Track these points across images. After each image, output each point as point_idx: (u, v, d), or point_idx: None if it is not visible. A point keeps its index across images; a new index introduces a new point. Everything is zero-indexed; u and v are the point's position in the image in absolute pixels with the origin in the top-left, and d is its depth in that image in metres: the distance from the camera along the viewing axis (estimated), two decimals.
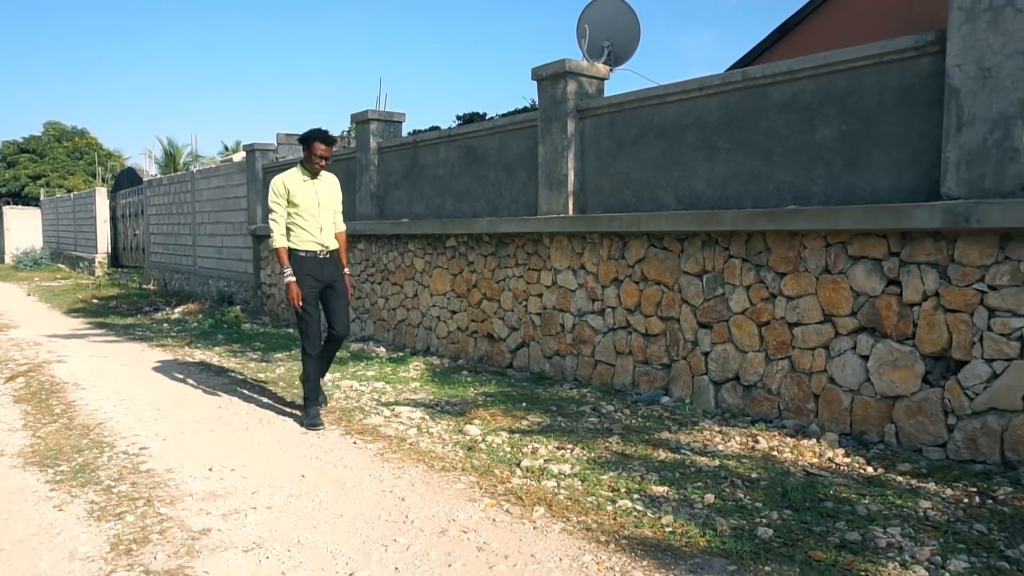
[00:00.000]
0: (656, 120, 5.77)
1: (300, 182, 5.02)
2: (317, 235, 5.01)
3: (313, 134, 4.97)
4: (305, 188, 5.01)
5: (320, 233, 5.03)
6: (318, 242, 5.02)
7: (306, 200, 4.97)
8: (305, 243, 4.98)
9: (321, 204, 5.05)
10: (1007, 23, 3.84)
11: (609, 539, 3.01)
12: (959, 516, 3.24)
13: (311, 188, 5.03)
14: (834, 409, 4.63)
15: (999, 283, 3.92)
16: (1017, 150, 3.85)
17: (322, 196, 5.07)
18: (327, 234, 5.08)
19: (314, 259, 5.00)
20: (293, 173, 5.06)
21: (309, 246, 4.99)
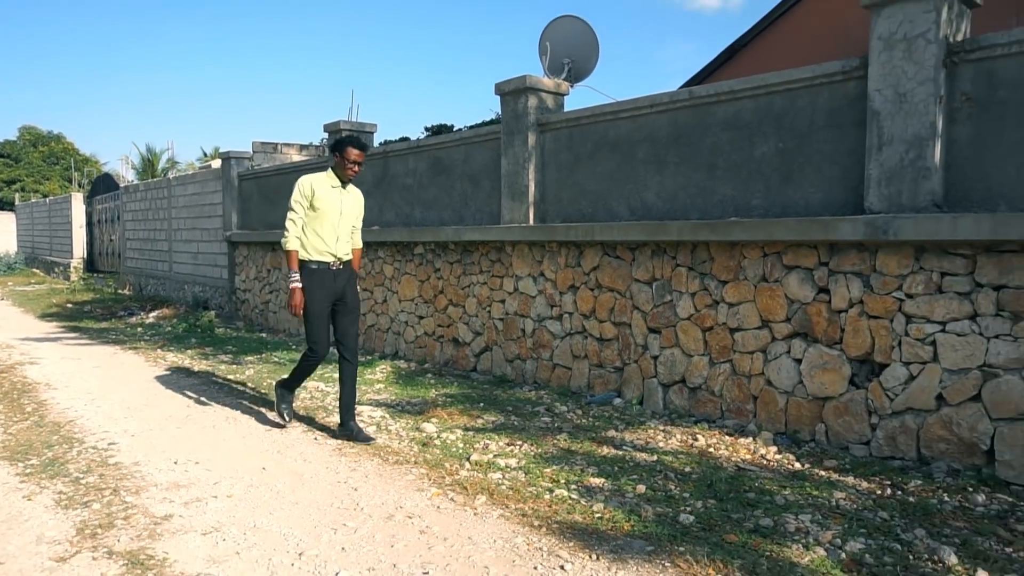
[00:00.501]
0: (611, 135, 6.07)
1: (328, 187, 4.77)
2: (332, 245, 4.74)
3: (346, 139, 4.76)
4: (332, 195, 4.76)
5: (336, 244, 4.76)
6: (332, 252, 4.75)
7: (329, 207, 4.72)
8: (318, 252, 4.71)
9: (343, 214, 4.80)
10: (919, 52, 4.17)
11: (542, 524, 3.26)
12: (868, 506, 3.52)
13: (337, 196, 4.79)
14: (771, 410, 4.91)
15: (915, 291, 4.23)
16: (929, 169, 4.17)
17: (346, 207, 4.83)
18: (342, 245, 4.82)
19: (327, 271, 4.73)
20: (322, 177, 4.81)
21: (322, 256, 4.72)
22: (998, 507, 3.51)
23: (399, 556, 3.03)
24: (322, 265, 4.71)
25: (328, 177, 4.82)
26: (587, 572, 2.82)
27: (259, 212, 11.44)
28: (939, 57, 4.13)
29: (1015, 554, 2.99)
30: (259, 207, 11.44)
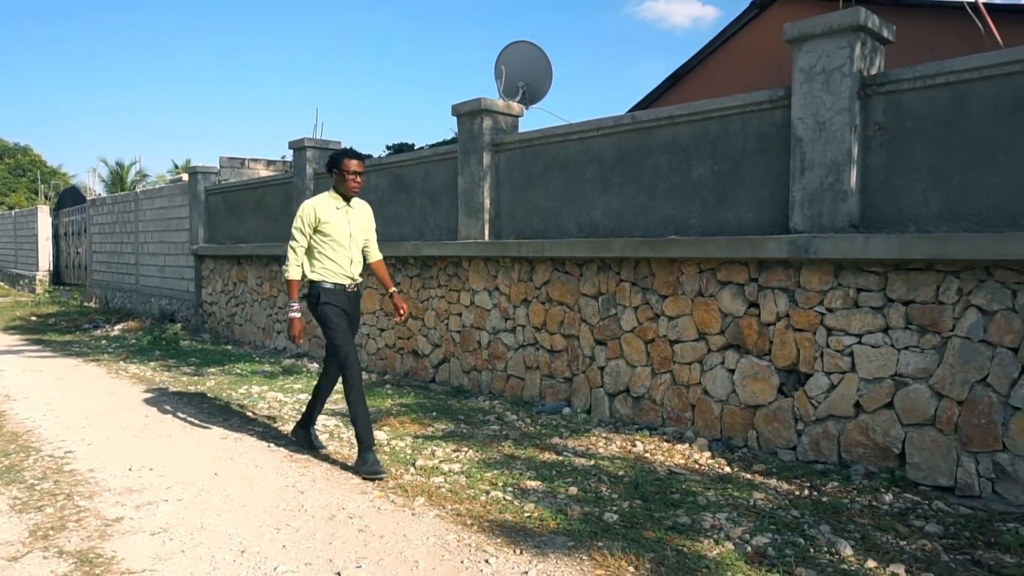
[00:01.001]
0: (561, 156, 6.33)
1: (332, 209, 4.54)
2: (347, 267, 4.57)
3: (342, 152, 4.57)
4: (338, 216, 4.54)
5: (350, 266, 4.59)
6: (348, 275, 4.58)
7: (339, 229, 4.52)
8: (335, 275, 4.53)
9: (353, 235, 4.61)
10: (836, 85, 4.48)
11: (474, 522, 3.47)
12: (782, 505, 3.78)
13: (343, 216, 4.57)
14: (707, 417, 5.17)
15: (835, 306, 4.52)
16: (846, 192, 4.47)
17: (355, 226, 4.63)
18: (356, 266, 4.66)
19: (343, 292, 4.55)
20: (324, 199, 4.58)
21: (339, 279, 4.54)
22: (902, 505, 3.78)
23: (336, 552, 3.22)
24: (338, 286, 4.54)
25: (331, 198, 4.59)
26: (510, 565, 3.03)
27: (226, 226, 11.56)
28: (853, 89, 4.44)
29: (907, 547, 3.25)
30: (226, 221, 11.56)
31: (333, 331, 4.46)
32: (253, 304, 10.67)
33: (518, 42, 7.22)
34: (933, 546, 3.26)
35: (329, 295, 4.50)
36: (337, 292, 4.52)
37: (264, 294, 10.41)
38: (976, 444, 3.98)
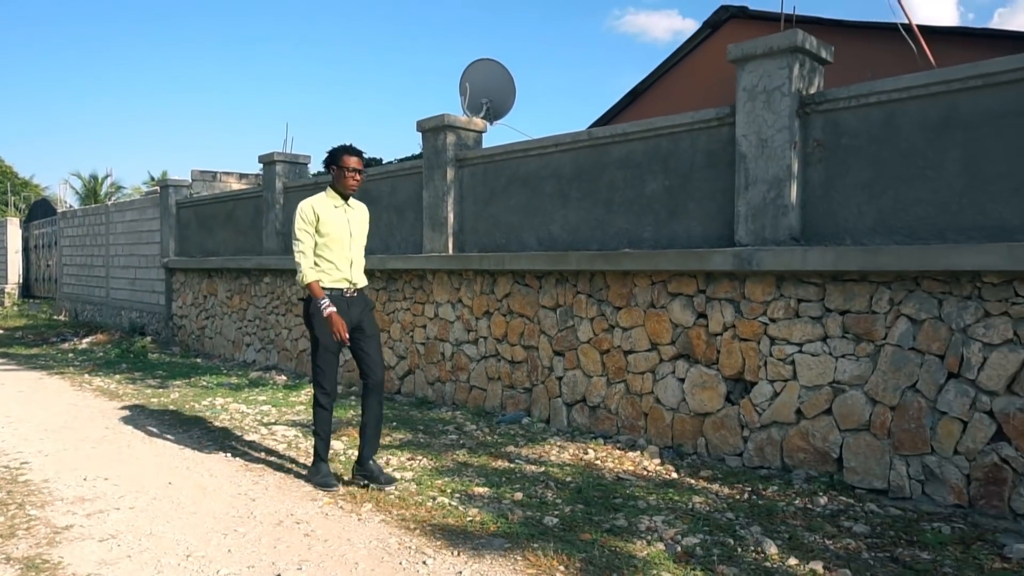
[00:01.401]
0: (521, 171, 6.48)
1: (331, 208, 4.33)
2: (346, 270, 4.35)
3: (341, 148, 4.37)
4: (336, 215, 4.33)
5: (349, 268, 4.37)
6: (346, 278, 4.35)
7: (337, 229, 4.31)
8: (332, 280, 4.29)
9: (353, 235, 4.41)
10: (776, 104, 4.66)
11: (417, 527, 3.57)
12: (720, 508, 3.90)
13: (343, 216, 4.37)
14: (659, 425, 5.30)
15: (777, 316, 4.68)
16: (787, 206, 4.64)
17: (354, 226, 4.43)
18: (357, 269, 4.43)
19: (340, 298, 4.29)
20: (322, 198, 4.37)
21: (336, 283, 4.31)
22: (835, 507, 3.92)
23: (279, 555, 3.29)
24: (335, 292, 4.28)
25: (328, 197, 4.38)
26: (446, 565, 3.13)
27: (197, 239, 11.59)
28: (793, 107, 4.62)
29: (832, 545, 3.38)
30: (197, 234, 11.59)
31: (316, 354, 4.31)
32: (223, 317, 10.70)
33: (482, 60, 7.38)
34: (857, 545, 3.39)
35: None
36: (334, 298, 4.26)
37: (234, 307, 10.44)
38: (907, 448, 4.13)
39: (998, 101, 3.97)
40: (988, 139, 3.99)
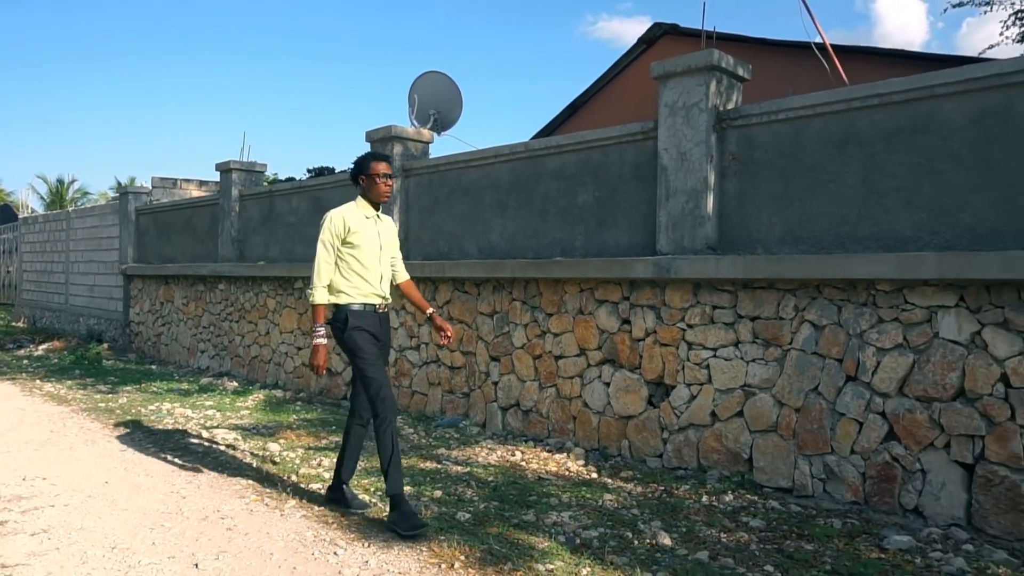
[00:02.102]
0: (463, 181, 6.67)
1: (362, 219, 4.01)
2: (377, 285, 4.02)
3: (370, 155, 4.10)
4: (367, 227, 4.02)
5: (380, 283, 4.04)
6: (378, 294, 4.02)
7: (368, 242, 3.98)
8: (364, 295, 3.96)
9: (383, 247, 4.09)
10: (694, 119, 4.91)
11: (335, 522, 3.73)
12: (628, 505, 4.10)
13: (373, 227, 4.05)
14: (586, 428, 5.50)
15: (694, 322, 4.91)
16: (704, 217, 4.88)
17: (384, 238, 4.12)
18: (386, 284, 4.11)
19: (372, 314, 3.97)
20: (351, 208, 4.04)
21: (368, 298, 3.97)
22: (738, 504, 4.13)
23: (200, 547, 3.44)
24: (367, 308, 3.96)
25: (358, 207, 4.05)
26: (355, 555, 3.29)
27: (155, 246, 11.63)
28: (710, 123, 4.87)
29: (725, 538, 3.59)
30: (155, 241, 11.64)
31: (364, 361, 3.85)
32: (179, 324, 10.75)
33: (430, 72, 7.57)
34: (749, 538, 3.61)
35: (359, 318, 3.90)
36: (367, 315, 3.94)
37: (189, 313, 10.50)
38: (810, 448, 4.37)
39: (892, 119, 4.23)
40: (883, 155, 4.26)
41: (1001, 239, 3.85)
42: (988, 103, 3.91)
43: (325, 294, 3.94)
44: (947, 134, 4.04)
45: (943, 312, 3.94)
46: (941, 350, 3.93)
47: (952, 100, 4.02)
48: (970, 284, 3.84)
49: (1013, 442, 3.70)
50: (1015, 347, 3.71)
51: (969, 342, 3.86)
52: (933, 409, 3.95)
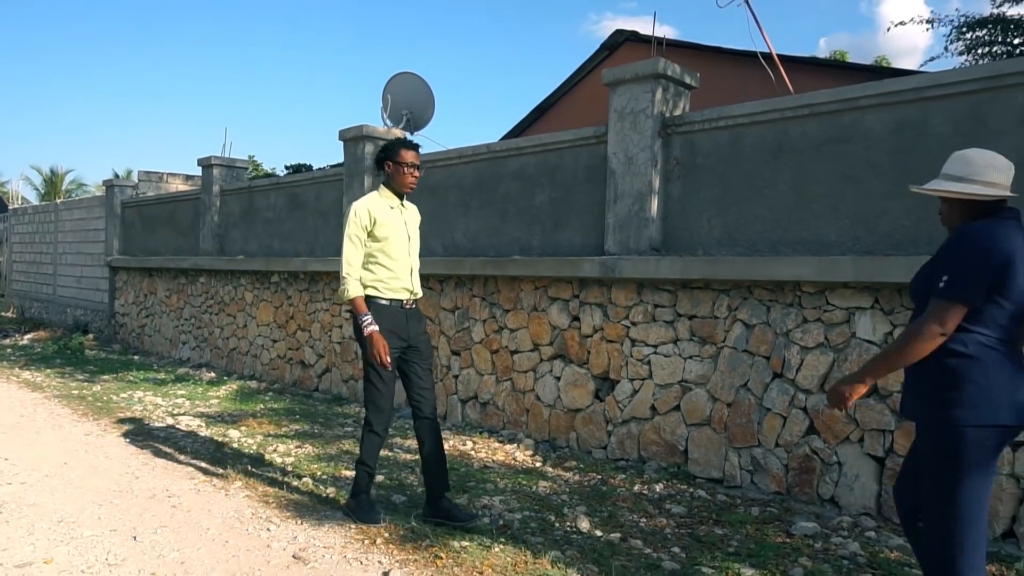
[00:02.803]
0: (429, 181, 6.86)
1: (387, 209, 3.82)
2: (407, 279, 3.84)
3: (398, 142, 3.92)
4: (393, 217, 3.83)
5: (410, 276, 3.87)
6: (407, 288, 3.84)
7: (396, 232, 3.80)
8: (391, 289, 3.76)
9: (411, 238, 3.94)
10: (641, 125, 5.11)
11: (274, 501, 3.93)
12: (559, 492, 4.30)
13: (399, 217, 3.87)
14: (538, 420, 5.70)
15: (637, 320, 5.11)
16: (648, 219, 5.08)
17: (411, 228, 3.96)
18: (416, 278, 3.93)
19: (399, 310, 3.78)
20: (375, 198, 3.86)
21: (396, 293, 3.78)
22: (667, 493, 4.33)
23: (143, 522, 3.64)
24: (394, 304, 3.76)
25: (383, 197, 3.87)
26: (287, 531, 3.50)
27: (140, 239, 11.83)
28: (655, 129, 5.07)
29: (644, 523, 3.79)
30: (140, 234, 11.83)
31: (369, 373, 3.72)
32: (162, 316, 10.94)
33: (404, 73, 7.77)
34: (667, 523, 3.81)
35: (381, 316, 3.68)
36: (392, 311, 3.74)
37: (172, 306, 10.69)
38: (739, 440, 4.57)
39: (820, 129, 4.44)
40: (812, 163, 4.46)
41: (915, 244, 4.06)
42: (905, 116, 4.11)
43: (358, 285, 3.71)
44: (869, 144, 4.24)
45: (860, 313, 4.15)
46: (858, 349, 4.14)
47: (873, 112, 4.22)
48: (884, 287, 4.04)
49: None
50: None
51: (883, 342, 4.06)
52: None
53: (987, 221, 2.34)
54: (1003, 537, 3.64)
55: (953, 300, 2.26)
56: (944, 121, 3.99)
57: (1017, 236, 2.29)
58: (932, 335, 2.28)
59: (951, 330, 2.28)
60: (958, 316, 2.27)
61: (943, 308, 2.27)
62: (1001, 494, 3.64)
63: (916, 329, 2.33)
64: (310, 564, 3.16)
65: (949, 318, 2.27)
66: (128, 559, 3.21)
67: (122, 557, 3.23)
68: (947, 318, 2.27)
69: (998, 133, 3.81)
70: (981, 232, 2.31)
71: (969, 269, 2.26)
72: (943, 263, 2.34)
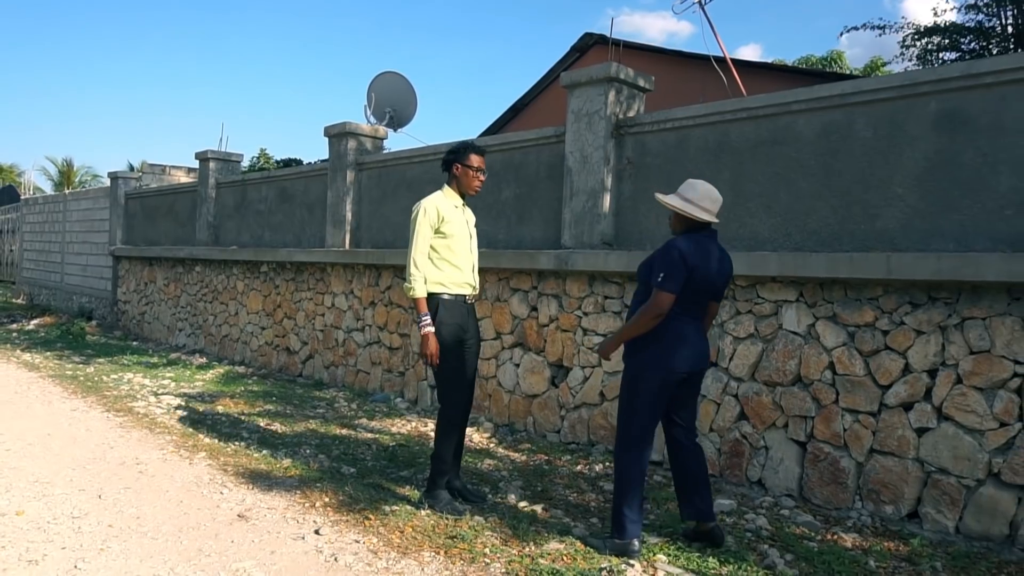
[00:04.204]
0: (408, 175, 7.17)
1: (452, 208, 3.97)
2: (469, 274, 3.98)
3: (468, 146, 4.06)
4: (457, 216, 3.97)
5: (472, 273, 4.02)
6: (469, 283, 3.98)
7: (460, 230, 3.95)
8: (456, 284, 3.89)
9: (472, 236, 4.09)
10: (595, 125, 5.38)
11: (233, 470, 4.24)
12: (502, 469, 4.59)
13: (462, 217, 4.02)
14: (499, 406, 5.99)
15: (589, 310, 5.38)
16: (601, 215, 5.35)
17: (471, 227, 4.11)
18: (476, 274, 4.09)
19: (462, 305, 3.92)
20: (441, 197, 4.00)
21: (460, 289, 3.91)
22: (604, 473, 4.60)
23: (110, 484, 3.96)
24: (458, 299, 3.90)
25: (447, 196, 4.02)
26: (238, 494, 3.81)
27: (141, 229, 12.21)
28: (608, 129, 5.33)
29: (573, 499, 4.07)
30: (141, 224, 12.22)
31: (443, 365, 3.81)
32: (160, 303, 11.32)
33: (387, 72, 8.07)
34: (595, 498, 4.09)
35: (449, 311, 3.82)
36: (457, 306, 3.87)
37: (170, 294, 11.06)
38: None
39: (757, 132, 4.69)
40: (749, 163, 4.72)
41: (839, 241, 4.31)
42: (832, 120, 4.36)
43: (423, 286, 3.80)
44: (800, 146, 4.49)
45: (786, 306, 4.40)
46: (784, 340, 4.40)
47: (804, 116, 4.48)
48: (808, 281, 4.30)
49: (835, 423, 4.16)
50: (840, 338, 4.17)
51: (806, 333, 4.32)
52: (776, 392, 4.41)
53: (697, 235, 3.38)
54: (908, 517, 3.89)
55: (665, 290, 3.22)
56: (866, 126, 4.24)
57: (713, 246, 3.39)
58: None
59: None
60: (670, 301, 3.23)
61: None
62: (907, 477, 3.89)
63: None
64: (251, 521, 3.47)
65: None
66: (91, 513, 3.53)
67: (85, 511, 3.55)
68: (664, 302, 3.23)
69: (914, 138, 4.06)
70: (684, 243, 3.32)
71: (673, 268, 3.23)
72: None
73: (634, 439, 3.35)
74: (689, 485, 3.48)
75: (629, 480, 3.33)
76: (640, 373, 3.32)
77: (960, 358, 3.76)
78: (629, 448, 3.35)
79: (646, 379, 3.31)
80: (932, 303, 3.88)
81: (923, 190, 4.01)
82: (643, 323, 3.26)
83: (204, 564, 3.00)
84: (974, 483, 3.68)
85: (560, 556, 3.17)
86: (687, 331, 3.34)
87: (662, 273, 3.23)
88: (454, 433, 3.89)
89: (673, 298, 3.21)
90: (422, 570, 3.01)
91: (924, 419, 3.84)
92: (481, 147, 4.12)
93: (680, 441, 3.54)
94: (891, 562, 3.34)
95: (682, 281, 3.23)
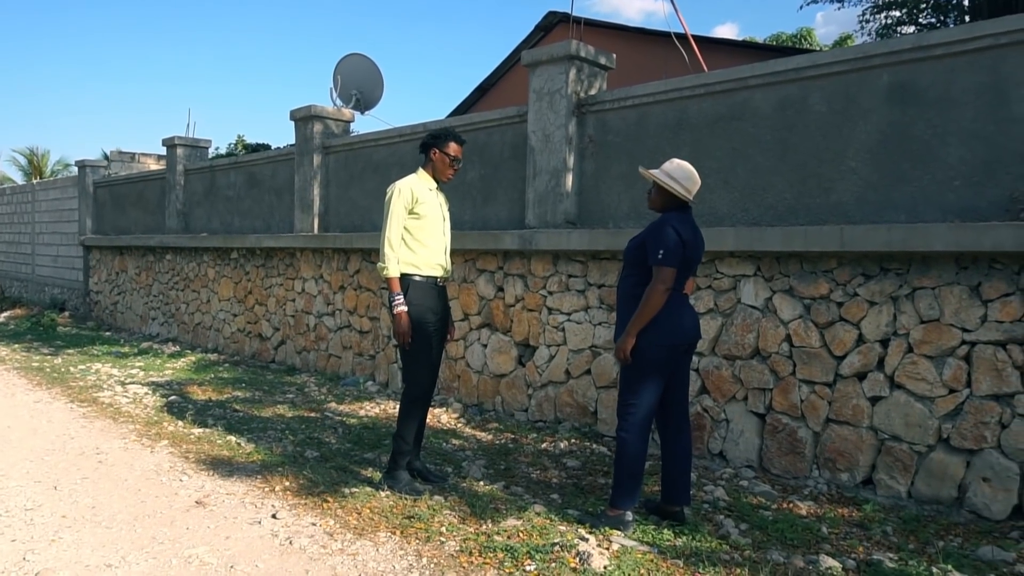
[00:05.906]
0: (374, 158, 7.12)
1: (426, 191, 3.95)
2: (442, 257, 3.98)
3: (447, 133, 4.03)
4: (431, 198, 3.96)
5: (444, 255, 4.02)
6: (442, 265, 3.98)
7: (433, 212, 3.94)
8: (428, 266, 3.88)
9: (446, 219, 4.08)
10: (557, 104, 5.36)
11: (194, 457, 4.23)
12: (467, 449, 4.61)
13: (435, 199, 4.00)
14: (468, 386, 6.00)
15: (554, 290, 5.39)
16: (563, 194, 5.35)
17: (445, 211, 4.09)
18: (448, 257, 4.08)
19: (434, 287, 3.92)
20: (415, 180, 3.97)
21: (432, 271, 3.90)
22: (568, 450, 4.64)
23: (67, 475, 3.94)
24: (429, 281, 3.89)
25: (421, 179, 4.00)
26: (198, 481, 3.80)
27: (111, 218, 12.06)
28: (570, 108, 5.32)
29: (536, 475, 4.10)
30: (111, 213, 12.06)
31: (413, 346, 3.79)
32: (132, 293, 11.21)
33: (353, 54, 7.99)
34: (558, 475, 4.11)
35: (419, 292, 3.82)
36: (428, 287, 3.87)
37: (142, 283, 10.96)
38: None
39: (715, 108, 4.69)
40: (708, 139, 4.73)
41: (795, 215, 4.34)
42: (788, 94, 4.37)
43: (396, 266, 3.80)
44: (757, 121, 4.50)
45: (744, 280, 4.43)
46: (742, 314, 4.43)
47: (761, 91, 4.48)
48: (765, 256, 4.33)
49: (793, 394, 4.20)
50: (797, 311, 4.20)
51: (763, 307, 4.35)
52: (735, 366, 4.45)
53: (681, 213, 3.44)
54: (863, 484, 3.95)
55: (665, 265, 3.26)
56: (821, 100, 4.25)
57: (693, 223, 3.46)
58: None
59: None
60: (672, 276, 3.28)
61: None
62: (861, 445, 3.95)
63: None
64: (209, 507, 3.46)
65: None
66: (44, 505, 3.51)
67: (39, 503, 3.53)
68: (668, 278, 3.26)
69: (867, 111, 4.08)
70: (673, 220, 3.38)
71: (671, 243, 3.27)
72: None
73: (638, 415, 3.35)
74: (677, 467, 3.45)
75: (631, 456, 3.34)
76: (648, 347, 3.30)
77: (911, 327, 3.80)
78: (633, 423, 3.36)
79: (653, 352, 3.31)
80: (884, 274, 3.91)
81: (876, 163, 4.04)
82: (655, 303, 3.26)
83: (156, 551, 3.00)
84: (925, 449, 3.74)
85: (516, 532, 3.19)
86: (683, 304, 3.44)
87: (661, 250, 3.26)
88: (417, 413, 3.90)
89: (675, 272, 3.27)
90: (377, 550, 3.03)
91: (877, 388, 3.89)
92: (462, 137, 4.11)
93: (674, 421, 3.52)
94: (843, 527, 3.40)
95: (680, 255, 3.28)
